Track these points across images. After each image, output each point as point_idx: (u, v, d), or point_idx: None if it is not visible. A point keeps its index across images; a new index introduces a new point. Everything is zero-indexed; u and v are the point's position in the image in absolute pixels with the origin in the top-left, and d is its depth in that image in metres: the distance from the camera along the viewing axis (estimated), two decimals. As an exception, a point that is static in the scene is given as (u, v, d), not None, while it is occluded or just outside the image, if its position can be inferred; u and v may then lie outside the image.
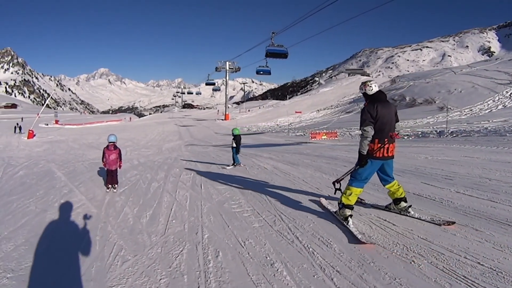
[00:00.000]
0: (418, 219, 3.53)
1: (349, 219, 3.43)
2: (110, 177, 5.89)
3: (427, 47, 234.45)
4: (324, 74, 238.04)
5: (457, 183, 4.98)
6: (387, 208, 3.88)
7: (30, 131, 24.41)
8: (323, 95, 68.25)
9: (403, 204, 3.66)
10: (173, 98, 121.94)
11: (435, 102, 35.29)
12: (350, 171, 3.61)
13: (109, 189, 5.87)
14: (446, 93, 36.37)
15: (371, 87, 3.45)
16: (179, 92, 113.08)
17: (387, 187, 3.66)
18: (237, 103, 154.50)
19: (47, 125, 40.10)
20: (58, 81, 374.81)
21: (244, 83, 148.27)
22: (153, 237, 3.51)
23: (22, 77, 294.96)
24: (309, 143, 17.55)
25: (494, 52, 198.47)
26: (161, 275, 2.66)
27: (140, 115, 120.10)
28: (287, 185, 5.67)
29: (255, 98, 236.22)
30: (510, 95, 31.24)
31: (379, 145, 3.36)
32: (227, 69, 52.12)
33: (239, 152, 8.71)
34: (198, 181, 6.46)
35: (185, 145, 19.00)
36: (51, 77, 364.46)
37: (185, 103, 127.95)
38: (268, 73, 32.77)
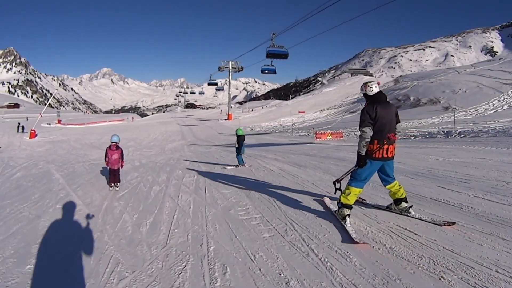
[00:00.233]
0: (418, 219, 3.51)
1: (347, 218, 3.44)
2: (112, 176, 6.01)
3: (430, 47, 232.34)
4: (327, 74, 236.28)
5: (474, 187, 4.76)
6: (388, 208, 3.89)
7: (32, 131, 24.29)
8: (326, 95, 67.93)
9: (404, 204, 3.67)
10: (175, 98, 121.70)
11: (439, 102, 34.84)
12: (350, 171, 3.64)
13: (111, 187, 5.98)
14: (451, 93, 35.96)
15: (371, 88, 3.48)
16: (181, 92, 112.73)
17: (388, 187, 3.67)
18: (240, 103, 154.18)
19: (50, 124, 40.19)
20: (61, 81, 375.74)
21: (247, 83, 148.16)
22: (153, 250, 3.19)
23: (25, 77, 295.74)
24: (314, 143, 17.21)
25: (497, 52, 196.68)
26: (162, 297, 2.34)
27: (142, 115, 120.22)
28: (296, 189, 5.36)
29: (257, 98, 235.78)
30: (516, 95, 30.74)
31: (378, 146, 3.37)
32: (230, 68, 51.99)
33: (243, 152, 8.52)
34: (201, 184, 6.17)
35: (188, 145, 18.76)
36: (54, 77, 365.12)
37: (188, 103, 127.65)
38: (273, 72, 32.07)
